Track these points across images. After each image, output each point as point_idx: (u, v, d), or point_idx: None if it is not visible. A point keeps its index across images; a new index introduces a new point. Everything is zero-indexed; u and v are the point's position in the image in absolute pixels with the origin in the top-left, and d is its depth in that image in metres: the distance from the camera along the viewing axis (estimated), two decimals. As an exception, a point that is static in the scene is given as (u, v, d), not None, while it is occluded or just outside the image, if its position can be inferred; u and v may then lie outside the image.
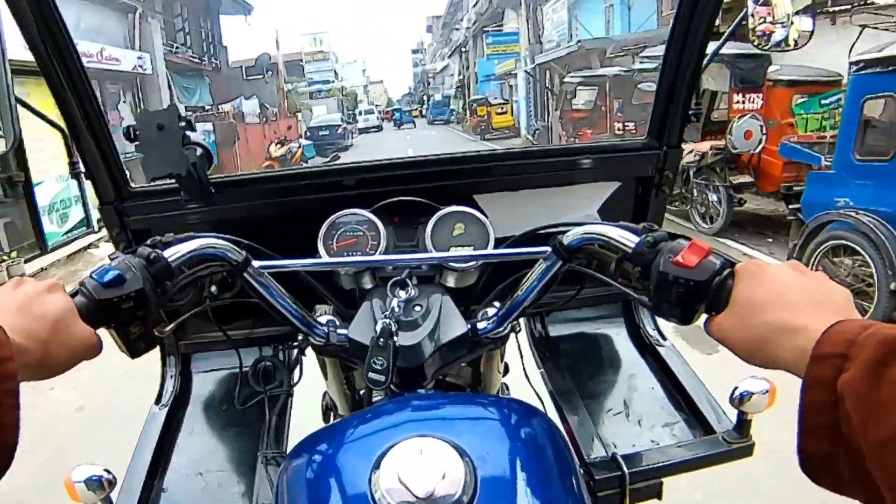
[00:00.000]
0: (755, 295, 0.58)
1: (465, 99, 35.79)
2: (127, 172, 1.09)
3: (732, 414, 1.01)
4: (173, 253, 0.76)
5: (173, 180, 0.98)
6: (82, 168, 1.06)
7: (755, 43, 1.06)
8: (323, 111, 29.31)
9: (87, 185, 1.09)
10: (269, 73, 21.61)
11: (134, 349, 0.70)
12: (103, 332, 0.67)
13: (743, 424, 0.99)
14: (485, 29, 28.33)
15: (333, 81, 39.99)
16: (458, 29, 41.86)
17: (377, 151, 19.54)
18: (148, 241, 0.76)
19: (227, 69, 20.43)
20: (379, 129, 36.70)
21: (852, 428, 0.43)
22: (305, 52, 39.45)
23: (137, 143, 0.93)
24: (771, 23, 1.03)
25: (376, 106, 44.23)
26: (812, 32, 1.05)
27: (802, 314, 0.53)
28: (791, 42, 1.04)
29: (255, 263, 0.84)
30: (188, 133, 0.94)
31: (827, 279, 0.58)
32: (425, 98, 59.53)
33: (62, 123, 1.03)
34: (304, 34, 42.10)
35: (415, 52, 70.62)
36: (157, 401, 1.21)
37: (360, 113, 38.31)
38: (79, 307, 0.64)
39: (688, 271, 0.64)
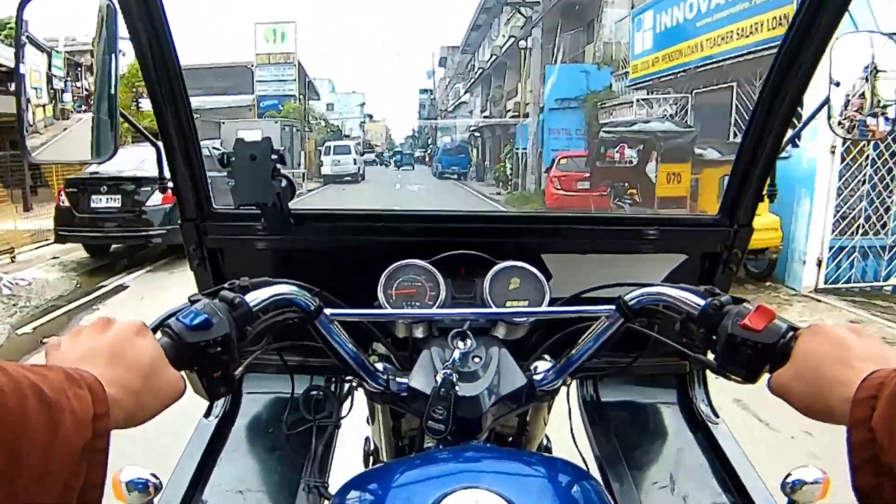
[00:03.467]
0: (814, 351, 0.69)
1: (495, 145, 31.78)
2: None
3: (782, 501, 1.03)
4: (254, 298, 0.84)
5: (256, 207, 1.10)
6: (170, 184, 1.17)
7: (837, 131, 1.13)
8: (253, 138, 20.72)
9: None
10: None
11: (213, 392, 0.77)
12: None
13: None
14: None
15: (296, 97, 32.93)
16: (487, 45, 38.54)
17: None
18: (227, 285, 0.84)
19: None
20: (356, 179, 27.91)
21: (888, 457, 0.53)
22: (259, 52, 32.71)
23: (230, 169, 1.06)
24: (858, 111, 1.11)
25: (356, 145, 33.83)
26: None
27: (853, 369, 0.62)
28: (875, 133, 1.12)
29: (327, 311, 0.93)
30: (278, 165, 1.06)
31: (880, 339, 0.69)
32: (429, 142, 53.61)
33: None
34: (261, 24, 33.60)
35: (423, 91, 64.12)
36: (207, 414, 1.32)
37: (328, 151, 28.92)
38: (165, 350, 0.69)
39: (755, 334, 0.75)
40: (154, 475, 0.96)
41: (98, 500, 0.52)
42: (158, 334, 0.73)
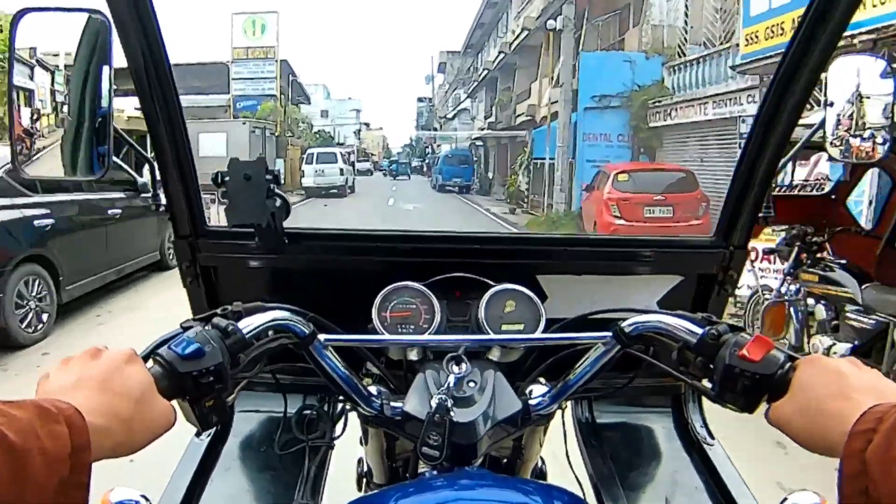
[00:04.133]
0: (812, 384, 0.69)
1: (502, 154, 27.85)
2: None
3: None
4: (247, 325, 0.83)
5: (250, 227, 1.09)
6: (163, 201, 1.17)
7: (832, 154, 1.14)
8: (216, 143, 16.23)
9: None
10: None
11: (205, 422, 0.76)
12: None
13: None
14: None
15: (275, 96, 29.26)
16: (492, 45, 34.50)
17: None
18: (220, 311, 0.83)
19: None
20: (342, 192, 24.34)
21: (878, 489, 0.53)
22: (236, 46, 29.59)
23: (224, 189, 1.06)
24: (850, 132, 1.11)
25: (345, 152, 29.36)
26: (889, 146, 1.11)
27: (851, 401, 0.62)
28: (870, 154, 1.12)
29: (321, 337, 0.93)
30: (272, 185, 1.06)
31: (881, 375, 0.69)
32: (428, 151, 51.92)
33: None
34: (238, 14, 30.03)
35: (421, 100, 62.90)
36: (198, 433, 1.29)
37: (311, 159, 24.95)
38: (157, 379, 0.69)
39: (753, 364, 0.76)
40: (144, 496, 0.97)
41: None
42: (150, 363, 0.72)
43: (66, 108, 1.06)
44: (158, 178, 1.17)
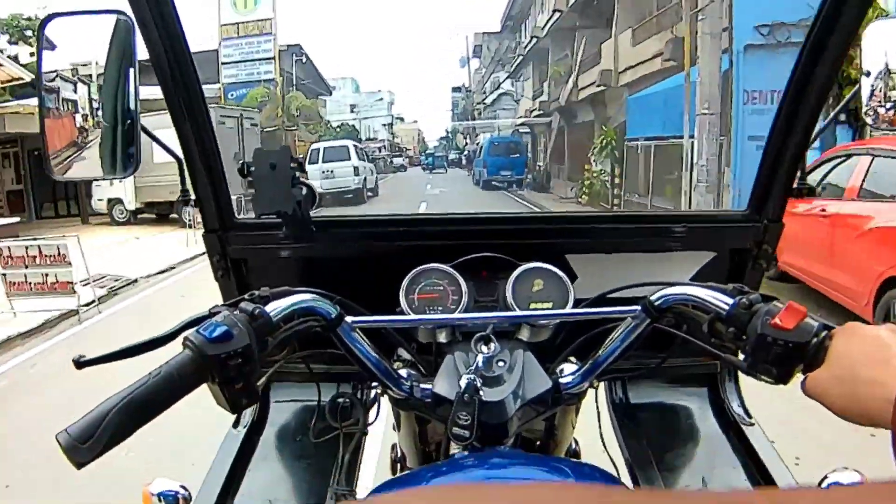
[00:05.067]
0: (850, 352, 0.67)
1: (558, 139, 21.87)
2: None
3: None
4: (274, 308, 0.84)
5: (277, 216, 1.10)
6: (192, 196, 1.19)
7: (868, 122, 1.08)
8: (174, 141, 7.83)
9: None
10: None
11: (235, 404, 0.77)
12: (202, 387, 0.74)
13: None
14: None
15: (270, 80, 24.18)
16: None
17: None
18: (247, 296, 0.85)
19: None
20: (359, 197, 19.33)
21: None
22: (225, 23, 24.06)
23: (251, 178, 1.06)
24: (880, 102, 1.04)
25: (360, 148, 22.38)
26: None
27: (892, 369, 0.61)
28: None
29: (348, 319, 0.93)
30: (297, 174, 1.07)
31: None
32: (465, 142, 47.41)
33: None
34: None
35: (455, 90, 58.19)
36: (235, 424, 1.33)
37: (315, 157, 18.93)
38: (185, 362, 0.72)
39: (786, 333, 0.73)
40: (184, 487, 0.99)
41: None
42: (179, 347, 0.74)
43: (100, 113, 1.07)
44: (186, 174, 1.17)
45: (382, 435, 1.36)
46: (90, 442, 0.65)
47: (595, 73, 19.53)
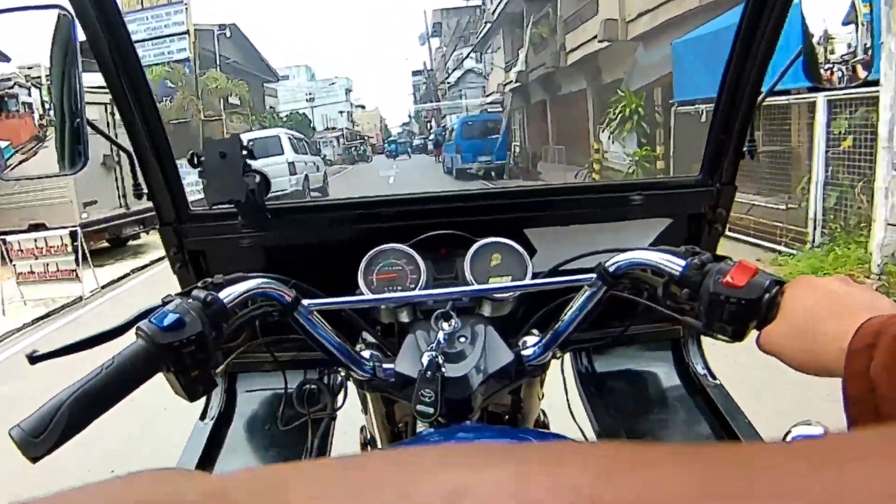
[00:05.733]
0: (803, 304, 0.67)
1: (535, 115, 18.19)
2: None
3: None
4: (227, 294, 0.83)
5: (232, 205, 1.09)
6: (145, 190, 1.18)
7: (818, 78, 1.05)
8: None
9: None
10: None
11: (192, 392, 0.77)
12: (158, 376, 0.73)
13: None
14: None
15: (184, 59, 20.05)
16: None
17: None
18: (199, 283, 0.84)
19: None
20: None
21: (892, 406, 0.50)
22: None
23: (200, 169, 1.05)
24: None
25: (295, 138, 17.59)
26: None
27: (846, 319, 0.60)
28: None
29: (305, 302, 0.93)
30: (248, 161, 1.05)
31: (871, 289, 0.67)
32: (429, 126, 45.35)
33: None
34: None
35: (416, 73, 56.71)
36: (202, 416, 1.31)
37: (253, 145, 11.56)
38: (138, 352, 0.71)
39: (738, 290, 0.74)
40: None
41: None
42: (133, 337, 0.73)
43: (51, 112, 1.07)
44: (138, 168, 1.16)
45: (352, 418, 1.31)
46: (43, 436, 0.65)
47: (588, 30, 15.58)
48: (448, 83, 43.31)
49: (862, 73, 1.04)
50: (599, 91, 16.65)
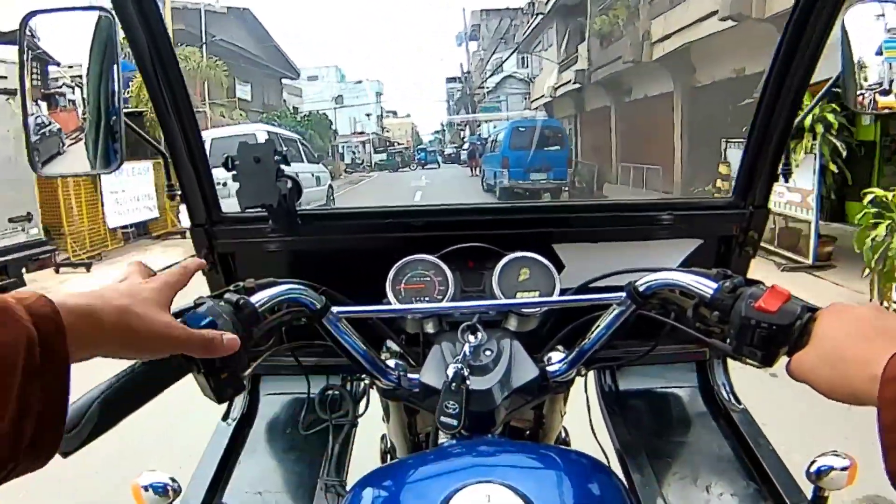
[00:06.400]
0: (834, 332, 0.66)
1: (595, 126, 14.04)
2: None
3: (808, 489, 1.02)
4: (259, 299, 0.83)
5: (263, 209, 1.10)
6: (178, 191, 1.19)
7: (851, 106, 1.04)
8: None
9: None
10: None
11: (221, 394, 0.76)
12: (188, 379, 0.74)
13: (819, 501, 1.01)
14: None
15: None
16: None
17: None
18: (231, 287, 0.84)
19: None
20: None
21: None
22: None
23: (235, 172, 1.06)
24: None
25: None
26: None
27: (878, 347, 0.58)
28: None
29: (334, 309, 0.93)
30: (282, 166, 1.06)
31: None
32: (461, 136, 41.73)
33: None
34: None
35: (451, 80, 51.49)
36: (225, 417, 1.32)
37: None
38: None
39: (770, 315, 0.73)
40: (173, 479, 0.98)
41: (59, 420, 0.51)
42: None
43: (86, 109, 1.07)
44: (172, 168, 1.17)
45: (373, 426, 1.30)
46: (74, 431, 0.65)
47: (689, 10, 11.43)
48: (484, 88, 39.51)
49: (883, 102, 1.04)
50: (686, 93, 12.40)
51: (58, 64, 1.11)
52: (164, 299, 0.67)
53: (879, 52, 1.00)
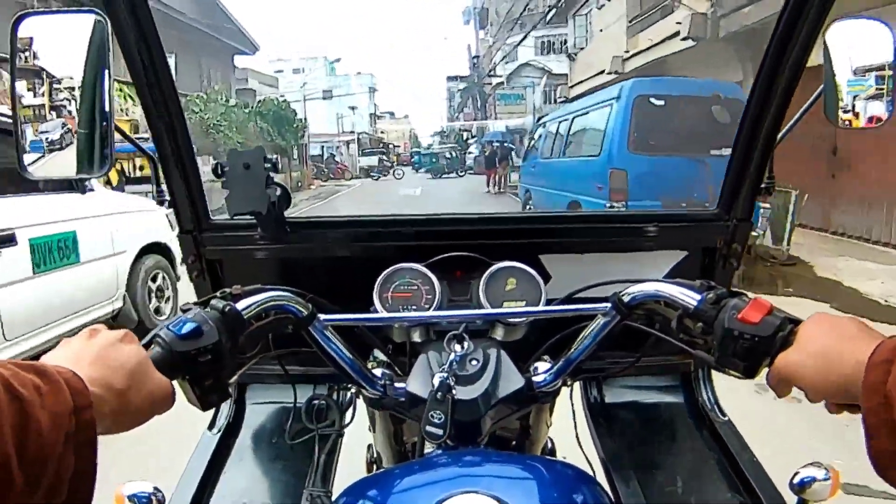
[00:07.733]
0: (820, 334, 0.68)
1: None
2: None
3: (791, 500, 1.02)
4: (245, 305, 0.83)
5: (252, 217, 1.09)
6: (167, 196, 1.17)
7: (833, 120, 1.06)
8: None
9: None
10: None
11: (206, 401, 0.76)
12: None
13: None
14: None
15: None
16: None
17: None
18: (218, 293, 0.84)
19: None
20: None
21: None
22: None
23: (224, 179, 1.05)
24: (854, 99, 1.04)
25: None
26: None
27: (864, 343, 0.61)
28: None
29: (320, 317, 0.94)
30: (271, 174, 1.05)
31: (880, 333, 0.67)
32: (466, 136, 37.79)
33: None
34: None
35: (451, 79, 50.21)
36: (210, 426, 1.30)
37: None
38: (155, 358, 0.69)
39: (752, 327, 0.74)
40: (157, 489, 0.96)
41: (89, 490, 0.52)
42: (152, 345, 0.73)
43: (78, 114, 1.07)
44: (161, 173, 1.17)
45: (359, 436, 1.30)
46: None
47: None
48: (495, 76, 32.40)
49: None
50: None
51: (52, 78, 1.03)
52: (146, 355, 0.68)
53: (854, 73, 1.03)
